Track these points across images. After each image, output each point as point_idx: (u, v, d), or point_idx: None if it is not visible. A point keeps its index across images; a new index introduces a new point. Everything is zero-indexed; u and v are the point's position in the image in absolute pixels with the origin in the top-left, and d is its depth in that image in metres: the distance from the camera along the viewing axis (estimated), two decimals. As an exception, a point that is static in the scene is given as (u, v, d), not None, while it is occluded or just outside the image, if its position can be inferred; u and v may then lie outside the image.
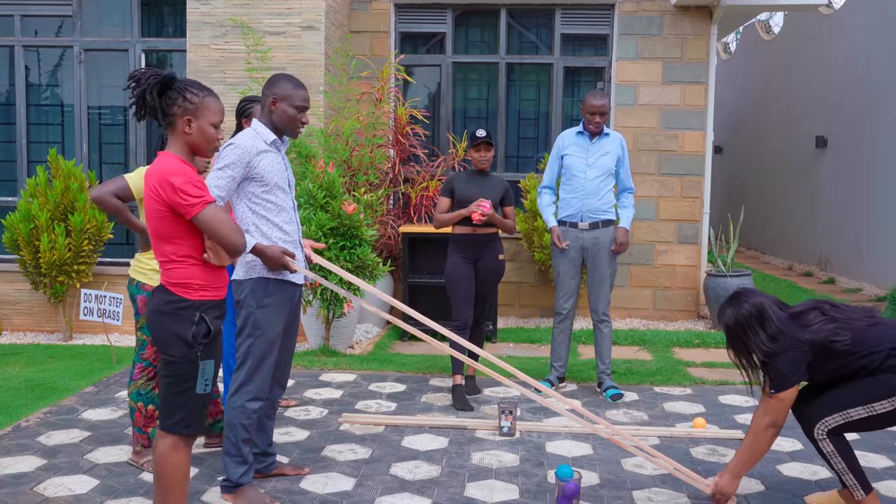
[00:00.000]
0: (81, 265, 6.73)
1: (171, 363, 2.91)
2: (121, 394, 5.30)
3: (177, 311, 2.88)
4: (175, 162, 2.86)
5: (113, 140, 7.48)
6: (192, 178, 2.83)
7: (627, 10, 7.86)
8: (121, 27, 7.37)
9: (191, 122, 2.91)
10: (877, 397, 3.30)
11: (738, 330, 3.50)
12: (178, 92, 2.89)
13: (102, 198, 3.90)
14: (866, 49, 10.06)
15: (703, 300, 7.91)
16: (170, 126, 2.94)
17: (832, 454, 3.42)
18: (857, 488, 3.41)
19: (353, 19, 8.01)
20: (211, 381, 2.94)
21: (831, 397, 3.41)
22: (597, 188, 5.30)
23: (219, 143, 3.02)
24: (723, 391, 5.63)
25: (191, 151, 2.98)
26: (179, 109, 2.90)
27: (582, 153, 5.34)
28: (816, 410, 3.44)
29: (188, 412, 2.94)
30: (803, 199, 11.78)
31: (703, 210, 7.95)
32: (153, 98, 2.87)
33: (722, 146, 15.31)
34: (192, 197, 2.79)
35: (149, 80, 2.87)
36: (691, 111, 7.87)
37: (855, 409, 3.34)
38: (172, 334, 2.88)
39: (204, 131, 2.94)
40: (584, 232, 5.31)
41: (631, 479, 4.00)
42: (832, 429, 3.39)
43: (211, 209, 2.82)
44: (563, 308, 5.43)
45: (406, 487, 3.85)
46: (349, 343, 6.70)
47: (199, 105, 2.91)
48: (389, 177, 7.62)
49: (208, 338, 2.89)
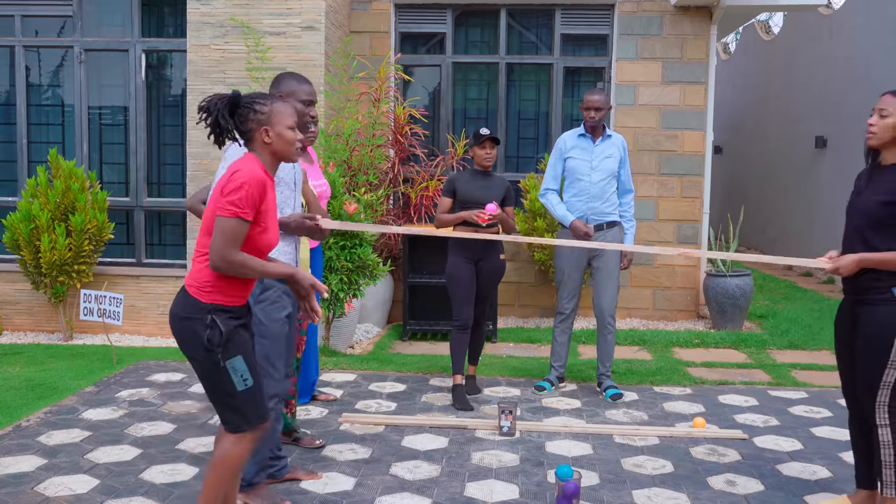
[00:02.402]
0: (82, 265, 6.74)
1: (199, 365, 2.94)
2: (121, 393, 5.30)
3: (191, 314, 2.89)
4: (254, 166, 2.90)
5: (113, 140, 7.48)
6: (252, 190, 2.84)
7: (627, 10, 7.87)
8: (121, 27, 7.37)
9: (268, 132, 2.98)
10: (885, 352, 3.28)
11: None
12: (247, 107, 2.97)
13: (194, 205, 4.12)
14: (866, 49, 10.06)
15: (702, 300, 7.92)
16: (250, 141, 3.01)
17: (887, 444, 3.33)
18: (893, 486, 3.34)
19: (354, 19, 8.01)
20: (248, 373, 2.93)
21: (862, 375, 3.38)
22: (601, 191, 5.31)
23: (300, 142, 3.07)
24: (722, 391, 5.63)
25: (275, 159, 3.04)
26: (254, 123, 2.97)
27: (586, 156, 5.34)
28: (864, 394, 3.39)
29: (240, 410, 2.96)
30: (803, 199, 11.78)
31: (703, 210, 7.95)
32: (226, 120, 2.95)
33: (722, 146, 15.31)
34: (232, 202, 2.82)
35: (217, 105, 2.94)
36: (691, 111, 7.88)
37: (886, 371, 3.30)
38: (192, 337, 2.90)
39: (283, 136, 3.00)
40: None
41: (631, 479, 4.00)
42: (890, 404, 3.32)
43: (234, 222, 2.82)
44: (566, 308, 5.43)
45: (406, 487, 3.86)
46: (349, 343, 6.70)
47: (270, 113, 2.98)
48: (389, 177, 7.62)
49: (223, 340, 2.89)
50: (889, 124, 3.31)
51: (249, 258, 2.87)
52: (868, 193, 3.39)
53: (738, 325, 7.50)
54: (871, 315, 3.34)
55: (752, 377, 6.01)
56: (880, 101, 3.37)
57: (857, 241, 3.38)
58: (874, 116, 3.36)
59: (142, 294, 7.13)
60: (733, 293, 7.40)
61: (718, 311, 7.47)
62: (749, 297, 7.53)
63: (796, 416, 5.10)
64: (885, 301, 3.30)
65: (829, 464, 4.26)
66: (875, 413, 3.36)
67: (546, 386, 5.46)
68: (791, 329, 7.50)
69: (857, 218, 3.41)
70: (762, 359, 6.55)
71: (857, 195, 3.46)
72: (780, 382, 5.86)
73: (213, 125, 2.95)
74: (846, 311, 3.53)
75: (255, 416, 2.98)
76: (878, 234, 3.31)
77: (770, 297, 9.29)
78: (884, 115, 3.32)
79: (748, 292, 7.49)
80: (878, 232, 3.32)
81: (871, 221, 3.33)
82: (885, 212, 3.29)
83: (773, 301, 8.99)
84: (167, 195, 7.47)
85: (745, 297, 7.47)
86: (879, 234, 3.31)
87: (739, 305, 7.44)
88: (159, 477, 3.93)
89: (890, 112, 3.31)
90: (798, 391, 5.66)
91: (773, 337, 7.22)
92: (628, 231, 5.49)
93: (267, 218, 2.96)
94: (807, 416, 5.10)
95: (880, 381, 3.32)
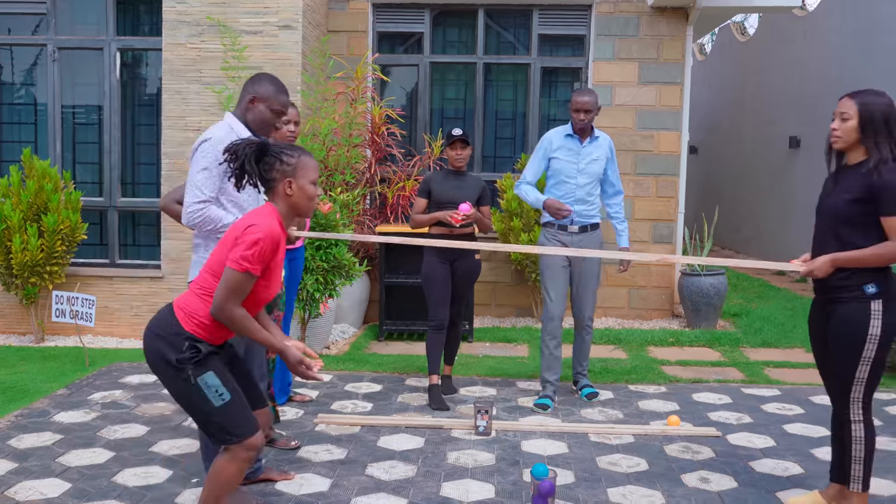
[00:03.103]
0: (54, 266, 6.67)
1: (170, 383, 2.94)
2: (94, 396, 5.25)
3: (168, 335, 2.91)
4: (271, 222, 2.91)
5: (87, 139, 7.41)
6: (265, 246, 2.86)
7: (604, 10, 7.90)
8: (95, 25, 7.30)
9: (291, 184, 3.00)
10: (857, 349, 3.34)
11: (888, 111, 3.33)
12: (275, 156, 2.99)
13: (167, 205, 4.17)
14: (839, 51, 10.18)
15: (677, 299, 7.97)
16: (270, 190, 3.03)
17: (859, 440, 3.39)
18: (859, 481, 3.40)
19: (331, 19, 7.99)
20: (223, 388, 2.92)
21: (834, 371, 3.44)
22: (588, 193, 5.21)
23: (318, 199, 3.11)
24: (697, 389, 5.67)
25: (293, 212, 3.05)
26: (278, 173, 2.99)
27: (573, 157, 5.19)
28: (837, 390, 3.44)
29: (222, 425, 2.95)
30: (777, 199, 11.90)
31: (678, 210, 8.01)
32: (252, 167, 2.97)
33: (697, 146, 15.42)
34: (244, 256, 2.84)
35: (245, 151, 2.96)
36: (667, 111, 7.93)
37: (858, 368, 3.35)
38: (160, 357, 2.91)
39: (304, 190, 3.02)
40: (574, 235, 5.19)
41: (606, 477, 4.02)
42: (864, 400, 3.37)
43: (242, 277, 2.85)
44: (557, 313, 5.20)
45: (382, 488, 3.85)
46: (325, 343, 6.68)
47: (297, 166, 3.01)
48: (366, 176, 7.61)
49: (195, 360, 2.88)
50: (851, 126, 3.37)
51: (249, 320, 2.90)
52: (837, 193, 3.43)
53: (712, 324, 7.56)
54: (843, 313, 3.39)
55: (726, 375, 6.06)
56: (840, 105, 3.42)
57: (829, 240, 3.43)
58: (836, 121, 3.42)
59: (115, 295, 7.06)
60: (707, 292, 7.46)
61: (693, 309, 7.52)
62: (723, 296, 7.60)
63: (769, 413, 5.15)
64: (855, 299, 3.35)
65: (800, 460, 4.31)
66: (849, 409, 3.41)
67: (548, 403, 5.18)
68: (764, 327, 7.58)
69: (827, 218, 3.45)
70: (736, 357, 6.60)
71: (826, 196, 3.51)
72: (753, 380, 5.92)
73: (238, 169, 2.98)
74: (818, 309, 3.57)
75: (239, 430, 2.96)
76: (849, 232, 3.36)
77: (744, 295, 9.38)
78: (845, 118, 3.38)
79: (722, 291, 7.55)
80: (849, 230, 3.37)
81: (841, 220, 3.38)
82: (855, 209, 3.33)
83: (747, 300, 9.07)
84: (141, 195, 7.41)
85: (720, 296, 7.54)
86: (851, 232, 3.36)
87: (714, 304, 7.50)
88: (132, 480, 3.90)
89: (850, 115, 3.36)
90: (771, 389, 5.71)
91: (746, 335, 7.29)
92: (623, 232, 5.39)
93: (272, 273, 2.99)
94: (779, 413, 5.15)
95: (853, 378, 3.37)
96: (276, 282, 3.05)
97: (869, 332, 3.32)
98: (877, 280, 3.33)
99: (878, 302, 3.33)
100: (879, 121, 3.31)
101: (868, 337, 3.32)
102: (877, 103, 3.33)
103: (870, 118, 3.32)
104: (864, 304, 3.33)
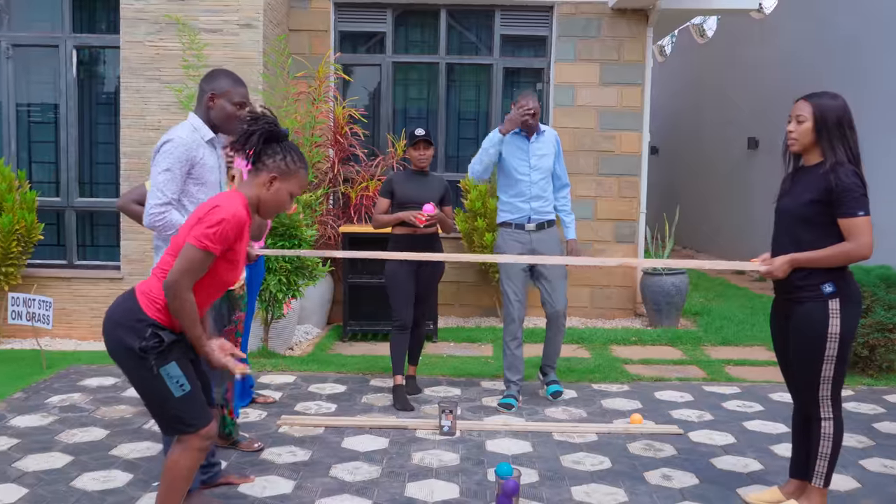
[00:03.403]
0: (10, 267, 6.53)
1: (131, 372, 2.90)
2: (51, 399, 5.15)
3: (129, 322, 2.86)
4: (238, 205, 2.87)
5: (43, 138, 7.27)
6: (228, 227, 2.82)
7: (566, 12, 7.95)
8: (51, 22, 7.16)
9: (275, 181, 2.97)
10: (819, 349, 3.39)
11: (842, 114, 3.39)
12: (284, 150, 2.98)
13: (125, 205, 4.21)
14: (796, 52, 10.36)
15: (639, 298, 8.05)
16: (255, 172, 2.99)
17: (827, 437, 3.44)
18: (822, 477, 3.46)
19: (292, 17, 7.93)
20: (184, 380, 2.89)
21: (800, 371, 3.49)
22: (542, 189, 5.23)
23: (285, 209, 3.08)
24: (659, 387, 5.73)
25: (259, 204, 3.02)
26: (273, 164, 2.97)
27: (522, 155, 5.23)
28: (804, 390, 3.49)
29: (180, 416, 2.91)
30: (736, 199, 12.07)
31: (640, 209, 8.09)
32: (259, 141, 2.94)
33: (658, 147, 15.59)
34: (206, 234, 2.79)
35: (263, 126, 2.94)
36: (628, 112, 8.00)
37: (823, 367, 3.40)
38: (122, 346, 2.86)
39: (280, 195, 3.00)
40: (532, 233, 5.20)
41: (570, 476, 4.05)
42: (832, 397, 3.43)
43: (200, 254, 2.80)
44: (519, 314, 5.21)
45: (346, 489, 3.83)
46: (289, 344, 6.63)
47: (292, 172, 2.99)
48: (329, 176, 7.57)
49: (158, 350, 2.84)
50: (806, 128, 3.43)
51: (191, 305, 2.84)
52: (795, 193, 3.49)
53: (673, 323, 7.65)
54: (803, 313, 3.44)
55: (688, 373, 6.13)
56: (795, 108, 3.48)
57: (787, 241, 3.48)
58: (792, 123, 3.47)
59: (74, 297, 6.94)
60: (669, 291, 7.55)
61: (655, 309, 7.60)
62: (684, 295, 7.69)
63: (730, 410, 5.22)
64: (814, 298, 3.40)
65: (760, 456, 4.37)
66: (819, 407, 3.46)
67: (512, 402, 5.20)
68: (725, 326, 7.68)
69: (785, 217, 3.50)
70: (697, 355, 6.69)
71: (784, 195, 3.56)
72: (714, 378, 6.00)
73: (246, 136, 2.94)
74: (778, 308, 3.63)
75: (196, 420, 2.93)
76: (806, 232, 3.42)
77: (704, 294, 9.50)
78: (800, 120, 3.44)
79: (683, 290, 7.64)
80: (806, 230, 3.42)
81: (799, 220, 3.44)
82: (812, 210, 3.39)
83: (708, 299, 9.19)
84: (100, 195, 7.29)
85: (681, 295, 7.63)
86: (807, 232, 3.42)
87: (675, 303, 7.59)
88: (91, 484, 3.83)
89: (805, 117, 3.42)
90: (731, 386, 5.79)
91: (707, 333, 7.38)
92: (570, 225, 5.42)
93: (238, 255, 2.96)
94: (739, 410, 5.22)
95: (819, 377, 3.42)
96: (240, 266, 3.01)
97: (829, 331, 3.38)
98: (834, 279, 3.39)
99: (835, 301, 3.38)
100: (833, 123, 3.37)
101: (828, 336, 3.38)
102: (831, 106, 3.39)
103: (824, 120, 3.38)
104: (822, 304, 3.39)
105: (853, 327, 3.42)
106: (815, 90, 3.58)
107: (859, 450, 4.49)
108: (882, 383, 5.85)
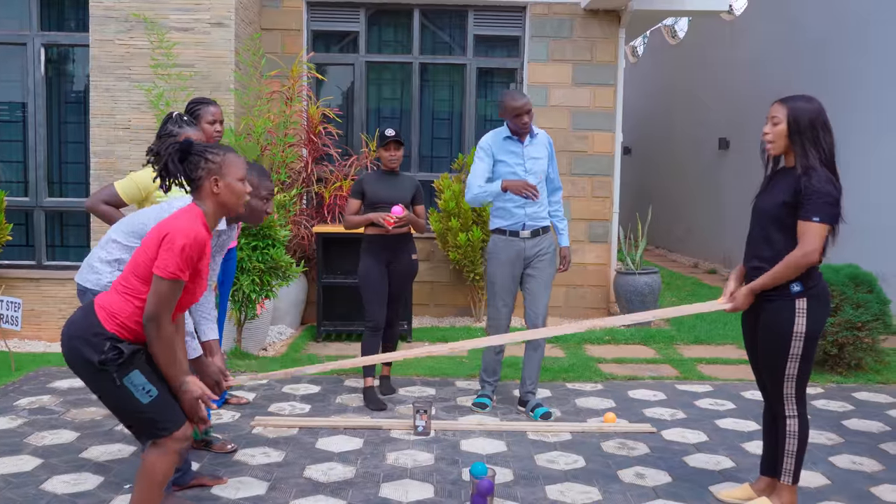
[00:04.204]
0: (-23, 268, 6.44)
1: (95, 385, 2.88)
2: (20, 401, 5.08)
3: (87, 335, 2.84)
4: (195, 225, 2.85)
5: (11, 137, 7.17)
6: (191, 253, 2.81)
7: (539, 12, 7.97)
8: (18, 20, 7.06)
9: (217, 182, 2.95)
10: (784, 346, 3.43)
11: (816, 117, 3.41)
12: (199, 155, 2.95)
13: (94, 205, 4.16)
14: (766, 53, 10.48)
15: (613, 298, 8.09)
16: (197, 189, 2.97)
17: (793, 434, 3.48)
18: (790, 474, 3.49)
19: (265, 16, 7.88)
20: (149, 385, 2.87)
21: (765, 368, 3.53)
22: None
23: (247, 196, 3.07)
24: (632, 386, 5.77)
25: (221, 210, 3.00)
26: (203, 171, 2.94)
27: (517, 160, 4.98)
28: (770, 387, 3.53)
29: (153, 421, 2.90)
30: (707, 199, 12.19)
31: (613, 209, 8.13)
32: (175, 166, 2.92)
33: (631, 147, 15.70)
34: (170, 265, 2.78)
35: (168, 150, 2.92)
36: (601, 112, 8.04)
37: (788, 364, 3.44)
38: (80, 359, 2.84)
39: (232, 187, 2.98)
40: (527, 240, 5.02)
41: (544, 475, 4.06)
42: (797, 395, 3.47)
43: (172, 285, 2.80)
44: (503, 318, 5.08)
45: (320, 490, 3.82)
46: (262, 345, 6.59)
47: (222, 163, 2.96)
48: (302, 176, 7.53)
49: (118, 361, 2.81)
50: (781, 130, 3.47)
51: (173, 341, 2.86)
52: (770, 193, 3.53)
53: (646, 322, 7.70)
54: (770, 311, 3.48)
55: (661, 372, 6.18)
56: (771, 110, 3.52)
57: (760, 239, 3.52)
58: (768, 125, 3.51)
59: (42, 298, 6.85)
60: (642, 290, 7.60)
61: (628, 308, 7.65)
62: (657, 294, 7.74)
63: (702, 408, 5.26)
64: (781, 297, 3.45)
65: (732, 454, 4.42)
66: (784, 405, 3.50)
67: (487, 402, 5.16)
68: (697, 325, 7.75)
69: (760, 217, 3.55)
70: (670, 354, 6.74)
71: (761, 195, 3.61)
72: (686, 376, 6.04)
73: (162, 170, 2.93)
74: (749, 309, 3.66)
75: (170, 423, 2.91)
76: (778, 233, 3.46)
77: (677, 293, 9.57)
78: (775, 122, 3.48)
79: (656, 289, 7.69)
80: (777, 230, 3.46)
81: (771, 220, 3.48)
82: (784, 211, 3.43)
83: (680, 298, 9.26)
84: (69, 195, 7.20)
85: (654, 294, 7.68)
86: (778, 232, 3.46)
87: (648, 302, 7.64)
88: (62, 487, 3.78)
89: (780, 119, 3.46)
90: (703, 384, 5.84)
91: (680, 332, 7.44)
92: (563, 232, 5.24)
93: (199, 276, 2.95)
94: (712, 408, 5.27)
95: (784, 375, 3.47)
96: (203, 284, 3.01)
97: (794, 329, 3.42)
98: (802, 279, 3.44)
99: (802, 300, 3.43)
100: (806, 126, 3.41)
101: (794, 334, 3.42)
102: (804, 109, 3.43)
103: (797, 123, 3.42)
104: (790, 302, 3.43)
105: (820, 326, 3.46)
106: (784, 92, 3.63)
107: (829, 447, 4.55)
108: (851, 381, 5.93)
